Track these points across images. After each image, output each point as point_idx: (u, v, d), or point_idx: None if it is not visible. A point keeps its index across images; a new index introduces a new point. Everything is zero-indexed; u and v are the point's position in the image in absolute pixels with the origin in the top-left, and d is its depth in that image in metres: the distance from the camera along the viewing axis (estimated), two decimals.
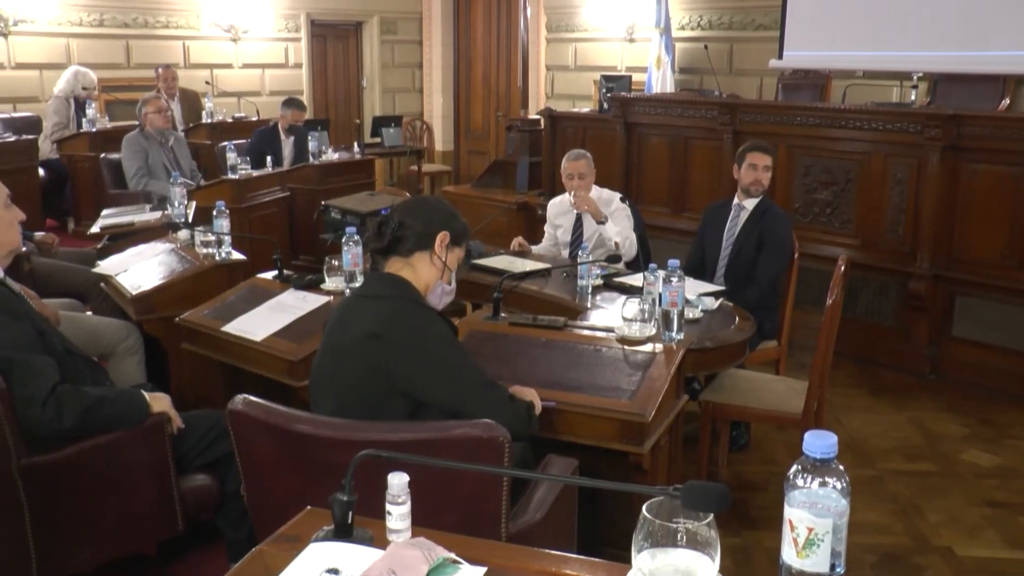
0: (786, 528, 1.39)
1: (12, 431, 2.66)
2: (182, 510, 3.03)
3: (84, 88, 8.59)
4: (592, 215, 4.91)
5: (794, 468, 1.39)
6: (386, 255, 2.64)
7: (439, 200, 2.85)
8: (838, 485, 1.37)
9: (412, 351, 2.45)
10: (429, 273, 2.64)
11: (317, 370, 2.62)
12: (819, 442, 1.36)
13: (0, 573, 2.88)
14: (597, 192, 5.08)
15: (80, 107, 8.53)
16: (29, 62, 9.34)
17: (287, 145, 7.93)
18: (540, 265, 4.64)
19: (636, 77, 9.24)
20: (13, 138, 7.80)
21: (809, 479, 1.37)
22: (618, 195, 5.17)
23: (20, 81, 9.32)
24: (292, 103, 8.15)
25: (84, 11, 9.92)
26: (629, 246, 4.90)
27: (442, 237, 2.64)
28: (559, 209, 5.26)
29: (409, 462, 1.72)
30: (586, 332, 3.37)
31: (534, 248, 5.23)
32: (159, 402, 3.00)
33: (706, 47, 9.11)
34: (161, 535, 3.13)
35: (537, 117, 9.00)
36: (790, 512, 1.38)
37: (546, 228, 5.44)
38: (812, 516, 1.36)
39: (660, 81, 9.27)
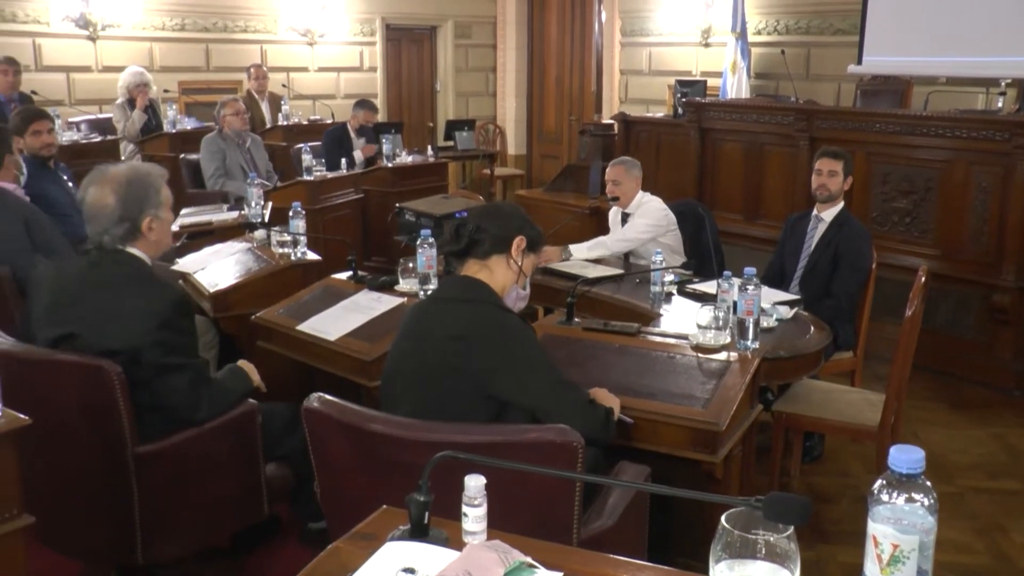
0: (869, 544, 1.36)
1: (129, 421, 2.74)
2: (267, 496, 3.12)
3: (138, 86, 8.69)
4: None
5: (879, 483, 1.36)
6: (462, 258, 2.65)
7: (515, 206, 2.88)
8: (925, 501, 1.33)
9: (498, 353, 2.46)
10: (505, 276, 2.65)
11: (392, 372, 2.64)
12: (905, 457, 1.33)
13: (108, 555, 3.01)
14: (640, 197, 5.13)
15: (142, 108, 8.67)
16: (115, 65, 9.57)
17: (358, 145, 8.02)
18: (613, 270, 4.63)
19: (711, 82, 9.16)
20: (99, 138, 7.98)
21: (894, 494, 1.34)
22: (656, 199, 5.16)
23: (106, 83, 9.55)
24: (364, 104, 8.25)
25: (167, 16, 10.15)
26: (622, 245, 4.97)
27: (519, 242, 2.66)
28: (615, 216, 5.30)
29: (483, 464, 1.72)
30: (660, 339, 3.35)
31: None
32: (252, 371, 3.14)
33: (783, 52, 8.98)
34: (248, 520, 3.20)
35: (611, 122, 8.96)
36: (874, 527, 1.35)
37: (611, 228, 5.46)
38: (897, 532, 1.33)
39: (735, 86, 9.18)
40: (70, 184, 5.38)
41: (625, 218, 5.16)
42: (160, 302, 2.81)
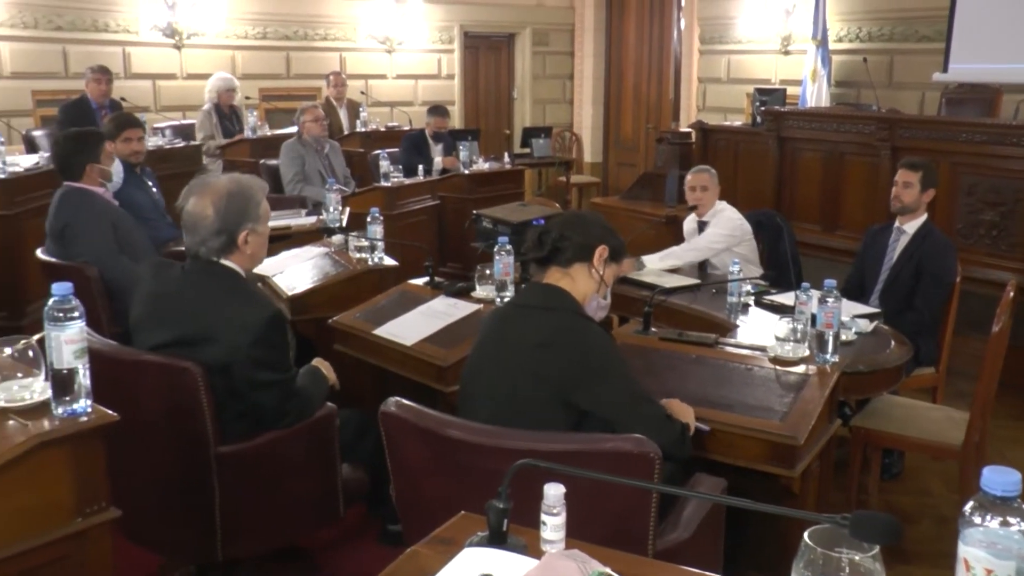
0: (960, 568, 1.32)
1: (213, 421, 2.80)
2: (343, 499, 3.16)
3: (226, 91, 8.89)
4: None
5: (970, 504, 1.33)
6: (545, 265, 2.66)
7: (598, 216, 2.88)
8: (1023, 525, 1.30)
9: (580, 362, 2.47)
10: (586, 285, 2.66)
11: (470, 377, 2.66)
12: (1000, 479, 1.29)
13: (189, 550, 3.08)
14: (718, 207, 5.10)
15: (224, 115, 8.86)
16: (199, 72, 9.82)
17: (436, 151, 8.10)
18: (689, 280, 4.59)
19: (790, 90, 9.05)
20: (182, 143, 8.17)
21: (988, 517, 1.30)
22: (732, 209, 5.13)
23: (190, 90, 9.80)
24: (436, 111, 8.32)
25: (249, 25, 10.37)
26: (694, 255, 4.92)
27: (601, 251, 2.66)
28: (690, 226, 5.26)
29: (562, 473, 1.72)
30: (737, 350, 3.32)
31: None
32: (328, 369, 3.21)
33: (865, 60, 8.83)
34: (325, 521, 3.25)
35: (688, 130, 8.90)
36: (965, 551, 1.32)
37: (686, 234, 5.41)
38: (991, 557, 1.29)
39: (815, 95, 9.06)
40: (154, 189, 5.52)
41: (702, 226, 5.12)
42: (254, 319, 2.83)
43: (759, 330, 3.72)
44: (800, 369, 3.09)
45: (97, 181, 4.59)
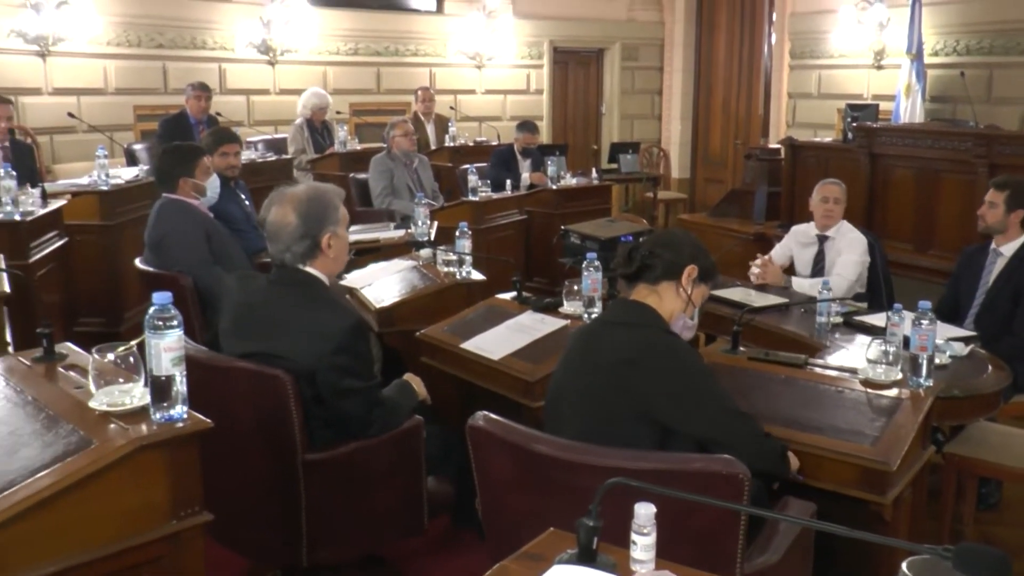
0: None
1: (300, 428, 2.86)
2: (427, 510, 3.19)
3: (319, 109, 9.07)
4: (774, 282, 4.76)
5: None
6: (633, 281, 2.67)
7: (690, 235, 2.86)
8: None
9: (670, 378, 2.47)
10: (674, 304, 2.65)
11: (557, 393, 2.66)
12: None
13: (275, 555, 3.15)
14: (843, 225, 5.02)
15: (316, 130, 9.03)
16: (291, 88, 10.05)
17: (524, 166, 8.14)
18: (778, 299, 4.53)
19: (883, 106, 8.87)
20: (273, 157, 8.34)
21: None
22: (853, 227, 5.03)
23: (282, 105, 10.03)
24: (525, 126, 8.37)
25: (341, 41, 10.58)
26: (844, 284, 4.74)
27: (690, 270, 2.65)
28: (802, 239, 5.12)
29: (652, 492, 1.71)
30: (827, 371, 3.26)
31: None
32: (419, 385, 3.25)
33: (962, 74, 8.60)
34: (409, 532, 3.28)
35: (777, 146, 8.79)
36: None
37: (776, 248, 5.30)
38: None
39: (909, 110, 8.84)
40: (247, 201, 5.65)
41: (823, 240, 5.01)
42: (337, 327, 2.89)
43: (849, 352, 3.65)
44: (892, 393, 3.03)
45: (191, 194, 4.72)
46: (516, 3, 11.62)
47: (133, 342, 2.30)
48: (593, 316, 3.66)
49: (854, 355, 3.50)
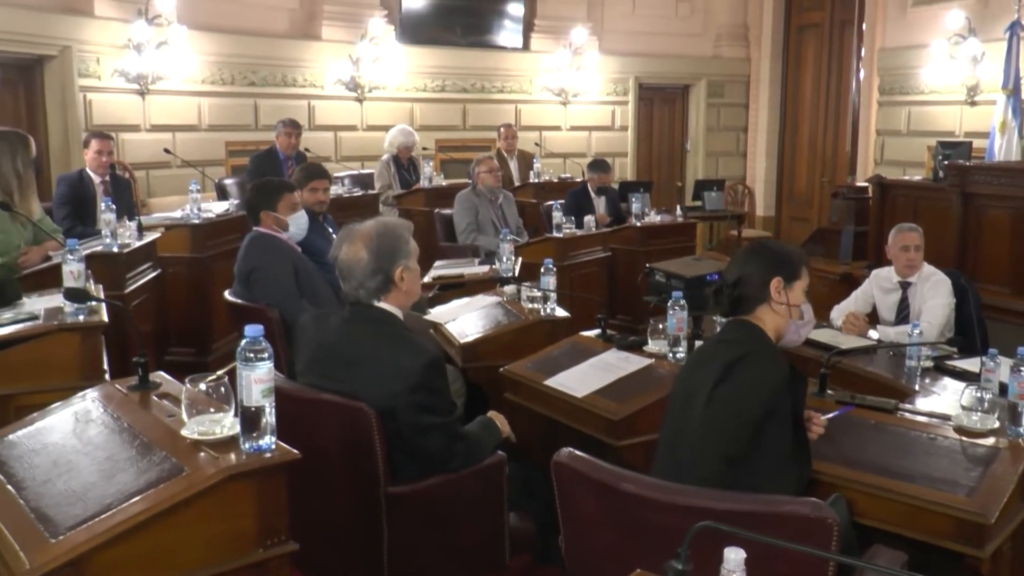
0: None
1: (384, 461, 2.89)
2: (510, 547, 3.19)
3: (404, 146, 9.20)
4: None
5: None
6: (731, 315, 2.68)
7: (755, 248, 2.87)
8: None
9: (750, 403, 2.50)
10: (775, 321, 2.70)
11: (673, 416, 2.71)
12: None
13: None
14: (926, 270, 4.94)
15: (402, 166, 9.14)
16: (378, 124, 10.25)
17: (599, 204, 8.13)
18: (866, 341, 4.44)
19: (976, 143, 8.64)
20: (360, 192, 8.47)
21: None
22: (938, 271, 4.94)
23: (370, 141, 10.23)
24: (597, 166, 8.39)
25: (428, 78, 10.77)
26: (934, 331, 4.61)
27: (775, 284, 2.65)
28: (885, 284, 5.03)
29: (740, 536, 1.69)
30: (919, 418, 3.18)
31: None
32: (503, 422, 3.25)
33: None
34: (490, 568, 3.26)
35: (865, 184, 8.64)
36: None
37: (857, 293, 5.20)
38: None
39: (1004, 148, 8.60)
40: (334, 236, 5.74)
41: (905, 287, 4.92)
42: (412, 365, 2.90)
43: (941, 397, 3.55)
44: (989, 442, 2.93)
45: (273, 227, 4.81)
46: (602, 40, 11.69)
47: (220, 371, 2.35)
48: (679, 355, 3.64)
49: (946, 401, 3.41)
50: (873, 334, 4.68)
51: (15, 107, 7.98)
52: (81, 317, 3.49)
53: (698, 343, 3.64)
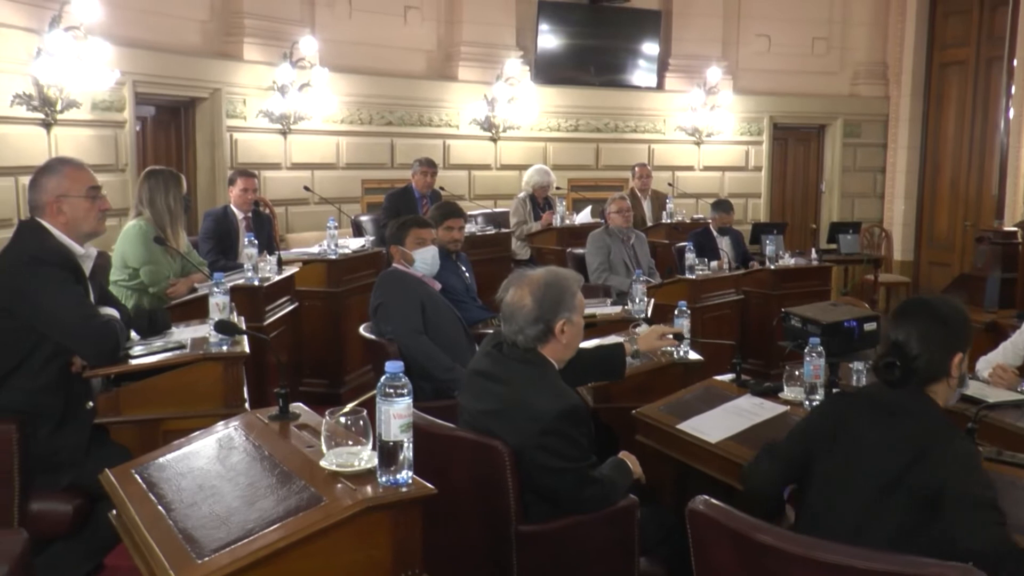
0: None
1: (516, 499, 2.91)
2: None
3: (541, 186, 9.28)
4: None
5: None
6: (900, 386, 2.58)
7: (940, 316, 2.64)
8: None
9: (950, 474, 2.41)
10: (947, 394, 2.63)
11: (822, 462, 2.64)
12: None
13: None
14: None
15: (537, 204, 9.22)
16: (511, 163, 10.39)
17: (723, 244, 8.03)
18: (1017, 395, 4.23)
19: None
20: (493, 231, 8.58)
21: None
22: None
23: (503, 180, 10.38)
24: (719, 206, 8.30)
25: (562, 118, 10.87)
26: None
27: (957, 360, 2.55)
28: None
29: None
30: None
31: None
32: (634, 463, 3.22)
33: None
34: None
35: (1013, 229, 8.30)
36: None
37: (1006, 344, 4.96)
38: None
39: None
40: (467, 273, 5.82)
41: None
42: (547, 409, 2.91)
43: None
44: None
45: (401, 262, 4.91)
46: (737, 79, 11.60)
47: (351, 404, 2.40)
48: (815, 403, 3.54)
49: None
50: None
51: (167, 146, 8.40)
52: (225, 347, 3.64)
53: (835, 391, 3.54)
